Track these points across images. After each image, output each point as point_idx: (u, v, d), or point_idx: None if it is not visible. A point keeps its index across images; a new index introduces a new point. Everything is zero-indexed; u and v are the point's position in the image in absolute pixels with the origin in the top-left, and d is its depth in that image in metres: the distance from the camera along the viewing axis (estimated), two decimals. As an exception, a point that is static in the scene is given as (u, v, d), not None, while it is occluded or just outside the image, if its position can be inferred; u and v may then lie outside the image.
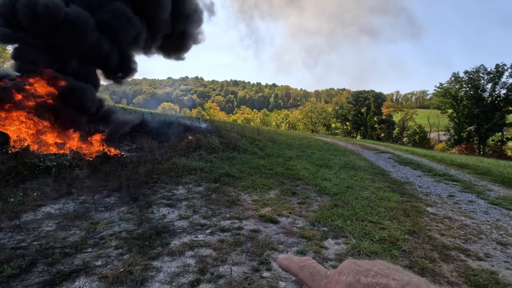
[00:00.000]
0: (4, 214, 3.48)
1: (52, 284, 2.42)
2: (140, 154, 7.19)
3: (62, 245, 3.03)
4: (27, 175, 4.79)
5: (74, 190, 4.61)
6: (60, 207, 4.00)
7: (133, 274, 2.61)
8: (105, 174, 5.55)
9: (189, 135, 10.01)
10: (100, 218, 3.79)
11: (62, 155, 5.76)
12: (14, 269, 2.53)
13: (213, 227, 3.78)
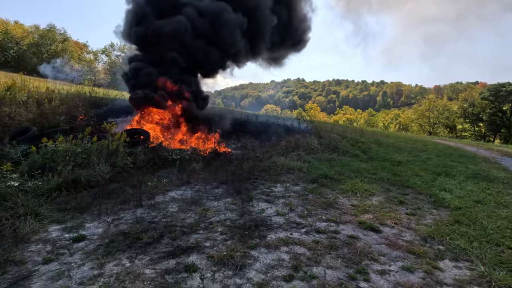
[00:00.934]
0: (144, 194, 4.44)
1: (173, 255, 2.94)
2: (244, 152, 7.85)
3: (181, 224, 3.65)
4: (160, 165, 5.97)
5: (192, 180, 5.45)
6: (181, 193, 4.81)
7: (234, 259, 2.89)
8: (215, 168, 6.32)
9: (289, 135, 10.26)
10: (210, 206, 4.35)
11: (184, 151, 6.91)
12: (149, 238, 3.20)
13: (308, 227, 3.77)
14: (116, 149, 5.53)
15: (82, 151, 5.08)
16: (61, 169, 4.53)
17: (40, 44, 41.93)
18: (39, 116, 7.33)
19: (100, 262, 2.73)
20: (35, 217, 3.43)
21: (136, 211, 3.97)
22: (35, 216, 3.43)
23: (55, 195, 4.10)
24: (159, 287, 2.44)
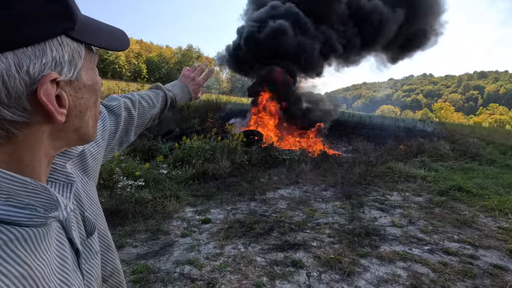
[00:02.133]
0: (257, 190, 4.85)
1: (281, 249, 3.10)
2: (356, 155, 7.41)
3: (289, 221, 3.80)
4: (271, 164, 6.38)
5: (300, 180, 5.57)
6: (290, 192, 5.00)
7: (341, 263, 2.80)
8: (324, 170, 6.24)
9: (410, 139, 9.01)
10: (318, 207, 4.34)
11: (293, 151, 7.13)
12: (261, 229, 3.49)
13: (433, 244, 3.23)
14: (235, 148, 6.26)
15: (210, 148, 6.00)
16: (195, 162, 5.49)
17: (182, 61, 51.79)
18: (181, 120, 9.11)
19: (221, 243, 3.17)
20: (176, 199, 4.29)
21: (250, 203, 4.39)
22: (176, 198, 4.30)
23: (190, 183, 5.01)
24: (268, 275, 2.63)
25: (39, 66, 0.34)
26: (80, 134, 0.45)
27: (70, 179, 0.50)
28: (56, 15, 0.35)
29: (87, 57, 0.41)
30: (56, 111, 0.37)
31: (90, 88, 0.43)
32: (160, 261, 2.80)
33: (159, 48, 57.11)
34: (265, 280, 2.55)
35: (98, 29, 0.43)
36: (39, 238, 0.39)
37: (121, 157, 5.14)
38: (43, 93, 0.35)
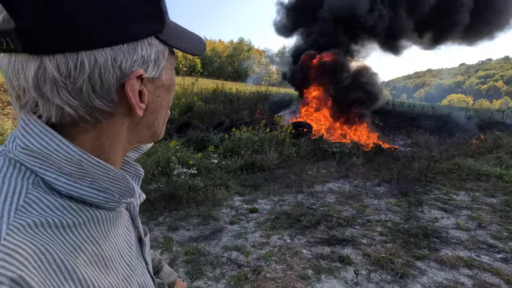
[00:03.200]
0: (305, 182, 4.79)
1: (328, 243, 3.03)
2: (415, 150, 6.79)
3: (338, 216, 3.68)
4: (320, 157, 6.22)
5: (351, 174, 5.33)
6: (339, 186, 4.82)
7: (394, 264, 2.63)
8: (378, 164, 5.86)
9: (483, 131, 7.91)
10: (369, 203, 4.11)
11: (344, 144, 6.83)
12: (307, 222, 3.45)
13: (508, 253, 2.82)
14: (284, 140, 6.24)
15: (258, 140, 6.09)
16: (243, 153, 5.63)
17: (233, 55, 52.99)
18: (231, 111, 9.39)
19: (268, 233, 3.23)
20: (226, 188, 4.47)
21: (297, 196, 4.36)
22: (225, 187, 4.48)
23: (239, 173, 5.16)
24: (314, 268, 2.60)
25: (130, 62, 0.37)
26: (152, 131, 0.47)
27: (139, 173, 0.55)
28: (150, 17, 0.38)
29: (169, 59, 0.44)
30: (137, 105, 0.40)
31: (167, 88, 0.45)
32: (210, 245, 2.97)
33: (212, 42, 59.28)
34: (310, 273, 2.53)
35: (181, 33, 0.45)
36: (111, 221, 0.43)
37: (177, 146, 5.53)
38: (130, 87, 0.38)
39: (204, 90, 11.45)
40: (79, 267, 0.35)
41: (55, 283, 0.32)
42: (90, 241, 0.38)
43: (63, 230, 0.36)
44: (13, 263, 0.30)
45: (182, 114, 8.67)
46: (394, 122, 10.25)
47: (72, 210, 0.38)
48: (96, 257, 0.39)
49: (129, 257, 0.46)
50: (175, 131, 7.53)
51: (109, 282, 0.39)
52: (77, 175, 0.38)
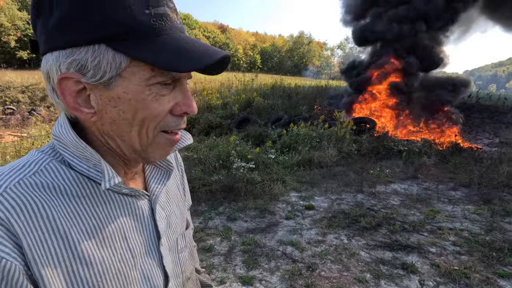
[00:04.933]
0: (365, 181, 4.53)
1: (390, 248, 2.84)
2: (504, 150, 5.81)
3: (402, 220, 3.40)
4: (383, 155, 5.79)
5: (420, 175, 4.85)
6: (405, 188, 4.43)
7: (469, 279, 2.34)
8: (454, 166, 5.20)
9: None
10: (441, 209, 3.70)
11: (413, 142, 6.22)
12: (367, 223, 3.28)
13: None
14: (343, 136, 5.98)
15: (316, 135, 5.97)
16: (301, 149, 5.59)
17: (293, 49, 52.37)
18: (289, 107, 9.35)
19: (324, 231, 3.18)
20: (282, 183, 4.52)
21: (357, 195, 4.16)
22: (282, 182, 4.53)
23: (296, 169, 5.16)
24: (372, 272, 2.48)
25: (66, 65, 0.40)
26: (127, 144, 0.46)
27: (169, 167, 0.58)
28: (96, 26, 0.38)
29: (135, 73, 0.41)
30: (70, 106, 0.42)
31: (127, 102, 0.42)
32: (265, 237, 3.07)
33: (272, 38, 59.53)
34: (369, 277, 2.42)
35: (166, 47, 0.41)
36: (119, 204, 0.49)
37: (236, 141, 5.78)
38: (61, 87, 0.41)
39: (263, 86, 11.64)
40: (72, 231, 0.42)
41: (40, 235, 0.39)
42: (91, 214, 0.45)
43: (67, 196, 0.43)
44: (7, 207, 0.38)
45: (241, 110, 8.98)
46: (478, 117, 8.88)
47: (80, 182, 0.45)
48: (94, 229, 0.44)
49: (134, 243, 0.49)
50: (235, 126, 7.85)
51: (101, 255, 0.44)
52: (83, 156, 0.45)
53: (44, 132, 8.13)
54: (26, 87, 13.72)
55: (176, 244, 0.60)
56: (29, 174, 0.42)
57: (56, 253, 0.40)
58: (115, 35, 0.39)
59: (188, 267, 0.64)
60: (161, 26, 0.41)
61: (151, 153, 0.48)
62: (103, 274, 0.44)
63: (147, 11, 0.40)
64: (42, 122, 10.31)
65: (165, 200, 0.59)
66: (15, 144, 6.27)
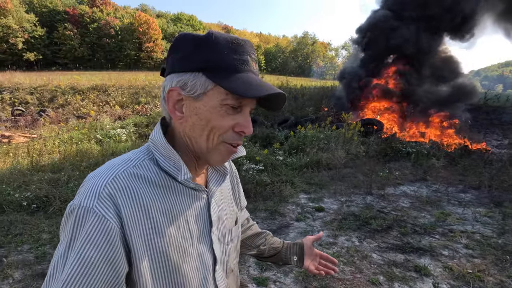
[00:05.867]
0: (375, 183, 4.54)
1: (402, 250, 2.85)
2: (514, 152, 5.77)
3: (413, 222, 3.41)
4: (392, 157, 5.79)
5: (429, 177, 4.84)
6: (415, 190, 4.43)
7: (483, 282, 2.34)
8: (463, 168, 5.18)
9: None
10: (452, 211, 3.69)
11: (421, 144, 6.20)
12: (378, 226, 3.29)
13: None
14: (351, 138, 5.99)
15: (324, 137, 5.98)
16: (309, 151, 5.61)
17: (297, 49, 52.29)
18: (295, 108, 9.39)
19: (334, 233, 3.20)
20: (291, 185, 4.54)
21: (366, 197, 4.17)
22: (291, 184, 4.55)
23: (304, 171, 5.18)
24: (385, 275, 2.49)
25: (175, 82, 0.59)
26: (195, 146, 0.62)
27: (225, 172, 0.74)
28: (199, 61, 0.57)
29: (215, 94, 0.58)
30: (170, 109, 0.60)
31: (205, 112, 0.58)
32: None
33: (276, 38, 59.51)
34: (382, 279, 2.44)
35: (239, 80, 0.56)
36: (185, 195, 0.63)
37: (245, 143, 5.81)
38: (169, 95, 0.60)
39: (269, 87, 11.65)
40: (153, 209, 0.58)
41: (131, 208, 0.55)
42: (167, 199, 0.60)
43: (152, 185, 0.59)
44: (114, 186, 0.55)
45: (248, 111, 9.04)
46: (486, 119, 8.83)
47: (162, 176, 0.61)
48: (167, 211, 0.60)
49: (192, 226, 0.64)
50: (242, 128, 7.88)
51: (169, 230, 0.59)
52: (167, 156, 0.61)
53: (54, 133, 8.24)
54: (34, 89, 13.90)
55: (224, 237, 0.72)
56: (131, 166, 0.59)
57: (141, 222, 0.56)
58: (210, 68, 0.57)
59: (232, 260, 0.76)
60: (241, 67, 0.58)
61: (213, 156, 0.63)
62: (169, 244, 0.58)
63: (235, 56, 0.57)
64: (51, 123, 10.45)
65: (219, 198, 0.73)
66: (27, 145, 6.37)
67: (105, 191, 0.54)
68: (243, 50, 0.58)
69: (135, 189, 0.56)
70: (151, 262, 0.56)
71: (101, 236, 0.51)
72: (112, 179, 0.55)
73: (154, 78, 18.33)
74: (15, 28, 33.00)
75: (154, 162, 0.62)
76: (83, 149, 6.23)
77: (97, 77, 17.88)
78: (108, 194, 0.53)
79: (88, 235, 0.50)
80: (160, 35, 44.02)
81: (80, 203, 0.52)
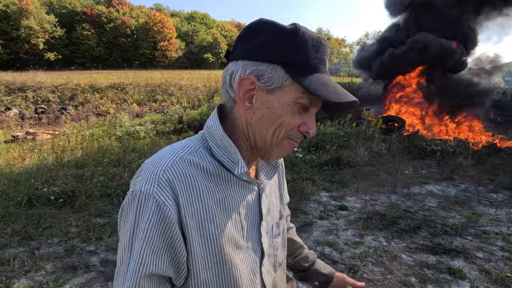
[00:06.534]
0: (399, 182, 4.41)
1: (432, 251, 2.74)
2: (547, 151, 5.48)
3: (442, 223, 3.28)
4: (415, 155, 5.61)
5: (456, 176, 4.66)
6: (442, 189, 4.27)
7: (524, 287, 2.21)
8: (492, 167, 4.96)
9: None
10: (483, 212, 3.53)
11: (446, 142, 5.98)
12: (406, 225, 3.18)
13: None
14: (372, 135, 5.84)
15: (344, 134, 5.86)
16: (329, 148, 5.51)
17: (311, 46, 51.64)
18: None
19: (360, 232, 3.11)
20: (312, 182, 4.47)
21: (391, 196, 4.05)
22: (312, 182, 4.48)
23: (324, 168, 5.09)
24: (417, 276, 2.40)
25: (250, 70, 0.55)
26: (262, 138, 0.59)
27: (277, 165, 0.73)
28: (278, 54, 0.55)
29: (291, 90, 0.55)
30: (239, 97, 0.57)
31: (277, 107, 0.56)
32: (301, 237, 3.03)
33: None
34: (414, 281, 2.35)
35: (317, 81, 0.54)
36: (237, 185, 0.62)
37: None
38: (241, 82, 0.56)
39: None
40: (207, 198, 0.57)
41: (188, 195, 0.54)
42: (219, 188, 0.59)
43: (207, 174, 0.58)
44: (172, 173, 0.54)
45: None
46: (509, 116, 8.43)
47: (216, 166, 0.60)
48: (221, 200, 0.58)
49: (243, 218, 0.62)
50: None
51: (222, 219, 0.58)
52: (223, 146, 0.59)
53: (76, 130, 8.47)
54: (55, 87, 14.35)
55: (272, 229, 0.71)
56: (187, 153, 0.58)
57: (197, 210, 0.55)
58: (290, 63, 0.55)
59: (280, 254, 0.74)
60: (319, 67, 0.56)
61: (274, 151, 0.61)
62: (222, 234, 0.58)
63: (317, 55, 0.56)
64: (72, 121, 10.76)
65: (268, 191, 0.71)
66: (51, 141, 6.56)
67: (164, 177, 0.53)
68: (324, 50, 0.57)
69: (192, 177, 0.56)
70: (204, 251, 0.56)
71: (161, 222, 0.51)
72: (171, 165, 0.55)
73: (169, 76, 18.57)
74: (36, 29, 34.13)
75: (208, 151, 0.60)
76: (104, 145, 6.37)
77: (114, 76, 18.28)
78: (167, 179, 0.53)
79: (150, 222, 0.51)
80: (174, 34, 44.55)
81: (141, 189, 0.52)
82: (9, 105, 12.73)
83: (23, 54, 33.65)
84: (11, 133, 8.54)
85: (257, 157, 0.67)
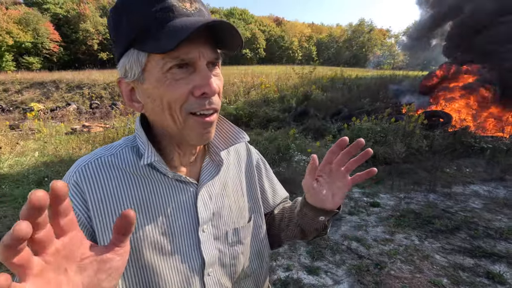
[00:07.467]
0: (439, 180, 4.15)
1: (471, 254, 2.58)
2: None
3: (486, 225, 3.05)
4: (461, 153, 5.20)
5: (508, 177, 4.24)
6: (489, 190, 3.93)
7: None
8: (554, 168, 4.42)
9: None
10: (537, 216, 3.20)
11: (499, 139, 5.44)
12: (442, 225, 3.02)
13: None
14: (412, 131, 5.53)
15: (381, 130, 5.63)
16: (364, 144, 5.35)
17: (352, 38, 49.53)
18: (349, 100, 8.98)
19: (391, 230, 3.03)
20: (344, 178, 4.40)
21: (428, 195, 3.84)
22: (344, 177, 4.41)
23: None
24: (450, 278, 2.29)
25: (119, 71, 0.53)
26: (167, 127, 0.53)
27: (219, 163, 0.62)
28: (126, 35, 0.48)
29: (152, 64, 0.48)
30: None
31: (155, 91, 0.49)
32: (329, 231, 3.05)
33: (329, 28, 57.11)
34: (445, 282, 2.25)
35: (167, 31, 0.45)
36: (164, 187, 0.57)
37: (296, 134, 5.79)
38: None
39: (321, 78, 11.33)
40: (124, 199, 0.53)
41: (98, 196, 0.52)
42: (142, 189, 0.55)
43: (126, 173, 0.55)
44: (83, 174, 0.52)
45: (299, 103, 8.92)
46: None
47: (139, 165, 0.55)
48: (141, 202, 0.54)
49: (174, 222, 0.56)
50: (292, 119, 7.84)
51: (142, 223, 0.53)
52: (144, 142, 0.55)
53: (123, 124, 9.25)
54: (107, 84, 15.69)
55: (226, 236, 0.62)
56: (107, 154, 0.56)
57: (110, 212, 0.52)
58: (137, 38, 0.47)
59: (242, 263, 0.65)
60: (165, 18, 0.45)
61: (187, 135, 0.53)
62: (141, 239, 0.53)
63: (153, 8, 0.45)
64: (120, 115, 11.74)
65: (218, 193, 0.63)
66: (103, 134, 7.29)
67: (73, 178, 0.53)
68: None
69: (105, 178, 0.53)
70: None
71: None
72: (84, 166, 0.54)
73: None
74: (92, 32, 37.39)
75: (133, 150, 0.57)
76: (148, 138, 6.89)
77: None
78: (75, 181, 0.52)
79: None
80: (214, 31, 45.52)
81: None
82: (69, 101, 14.24)
83: (80, 54, 37.19)
84: (70, 126, 9.60)
85: (190, 151, 0.60)
